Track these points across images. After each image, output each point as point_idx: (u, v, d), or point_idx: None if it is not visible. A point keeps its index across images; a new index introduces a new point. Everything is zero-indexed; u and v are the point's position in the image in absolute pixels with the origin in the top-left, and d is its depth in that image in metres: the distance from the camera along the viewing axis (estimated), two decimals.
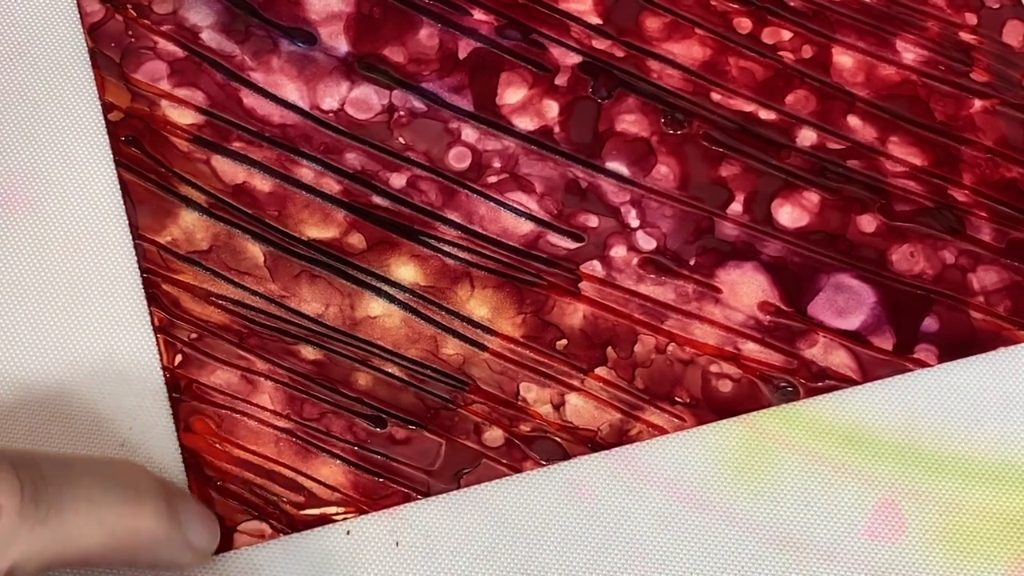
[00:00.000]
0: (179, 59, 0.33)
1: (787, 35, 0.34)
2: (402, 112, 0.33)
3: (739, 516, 0.31)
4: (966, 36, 0.34)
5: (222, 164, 0.33)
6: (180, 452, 0.31)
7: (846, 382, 0.31)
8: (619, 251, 0.32)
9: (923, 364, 0.32)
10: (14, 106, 0.33)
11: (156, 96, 0.33)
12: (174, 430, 0.31)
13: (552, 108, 0.33)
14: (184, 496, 0.29)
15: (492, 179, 0.33)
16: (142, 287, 0.32)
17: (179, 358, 0.31)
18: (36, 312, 0.32)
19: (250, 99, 0.33)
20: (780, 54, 0.34)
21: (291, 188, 0.32)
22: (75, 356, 0.31)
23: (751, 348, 0.32)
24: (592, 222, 0.32)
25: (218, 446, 0.31)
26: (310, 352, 0.31)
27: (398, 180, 0.33)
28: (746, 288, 0.32)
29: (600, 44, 0.34)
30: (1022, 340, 0.32)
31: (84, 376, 0.31)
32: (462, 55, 0.34)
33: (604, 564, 0.30)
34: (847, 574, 0.30)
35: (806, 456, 0.31)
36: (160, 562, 0.28)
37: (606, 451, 0.31)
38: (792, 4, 0.34)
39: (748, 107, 0.33)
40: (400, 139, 0.33)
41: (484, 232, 0.32)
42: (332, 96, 0.33)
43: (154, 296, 0.32)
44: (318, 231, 0.32)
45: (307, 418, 0.31)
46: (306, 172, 0.33)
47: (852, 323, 0.32)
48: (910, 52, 0.34)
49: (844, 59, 0.34)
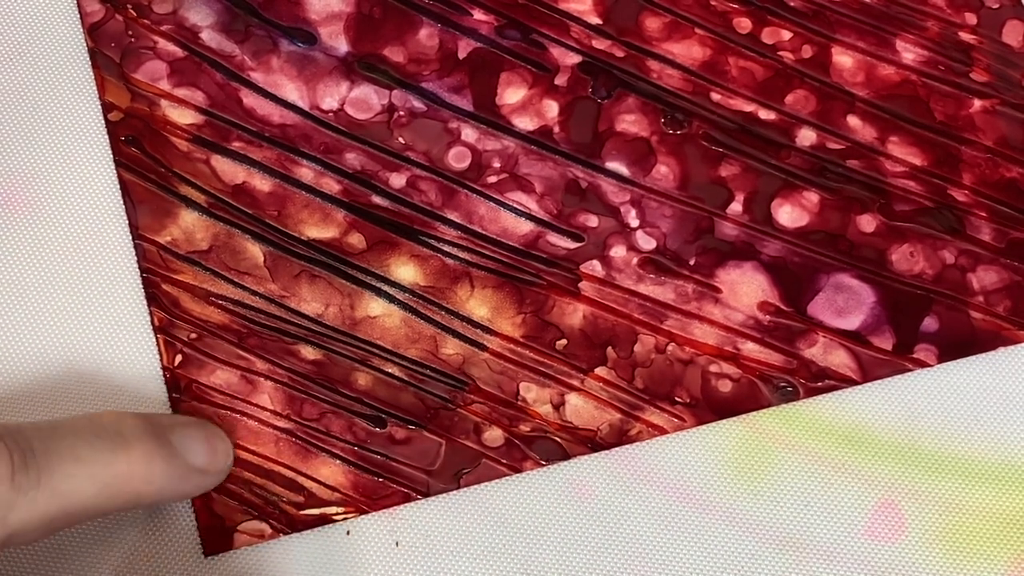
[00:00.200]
0: (179, 59, 0.33)
1: (787, 35, 0.34)
2: (402, 112, 0.33)
3: (739, 516, 0.31)
4: (966, 36, 0.34)
5: (222, 164, 0.33)
6: None
7: (846, 382, 0.31)
8: (619, 251, 0.32)
9: (923, 364, 0.32)
10: (14, 106, 0.33)
11: (156, 96, 0.33)
12: None
13: (552, 108, 0.33)
14: (179, 424, 0.29)
15: (492, 179, 0.33)
16: (142, 287, 0.32)
17: (179, 358, 0.31)
18: (36, 312, 0.32)
19: (250, 99, 0.33)
20: (780, 54, 0.34)
21: (291, 188, 0.32)
22: (75, 356, 0.31)
23: (751, 348, 0.32)
24: (592, 222, 0.32)
25: None
26: (310, 352, 0.31)
27: (398, 180, 0.33)
28: (746, 288, 0.32)
29: (600, 44, 0.34)
30: (1022, 340, 0.32)
31: (84, 376, 0.31)
32: (462, 55, 0.34)
33: (604, 564, 0.30)
34: (847, 574, 0.30)
35: (806, 456, 0.31)
36: (168, 496, 0.28)
37: (606, 451, 0.31)
38: (792, 4, 0.34)
39: (748, 107, 0.33)
40: (400, 139, 0.33)
41: (484, 232, 0.32)
42: (332, 96, 0.33)
43: (154, 296, 0.32)
44: (318, 231, 0.32)
45: (307, 418, 0.31)
46: (306, 172, 0.33)
47: (852, 323, 0.32)
48: (910, 52, 0.34)
49: (844, 59, 0.34)
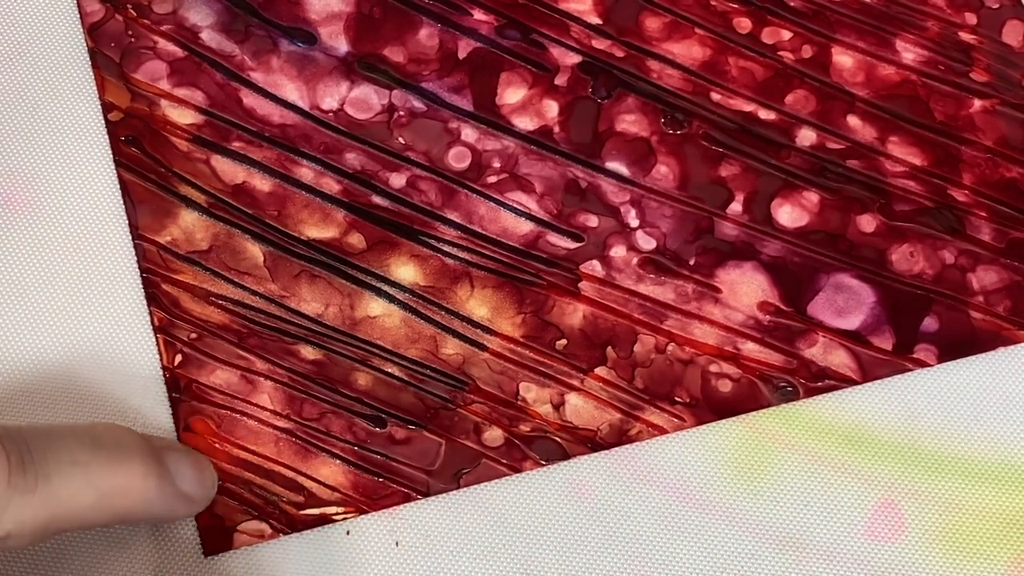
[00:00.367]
0: (179, 59, 0.33)
1: (787, 35, 0.34)
2: (402, 112, 0.33)
3: (739, 516, 0.31)
4: (966, 36, 0.34)
5: (222, 164, 0.33)
6: None
7: (846, 382, 0.31)
8: (619, 251, 0.32)
9: (923, 364, 0.32)
10: (14, 106, 0.33)
11: (156, 96, 0.33)
12: (174, 430, 0.31)
13: (552, 108, 0.33)
14: (172, 448, 0.29)
15: (492, 179, 0.33)
16: (142, 287, 0.32)
17: (179, 358, 0.31)
18: (36, 312, 0.32)
19: (250, 99, 0.33)
20: (780, 54, 0.34)
21: (291, 188, 0.32)
22: (75, 356, 0.31)
23: (751, 348, 0.32)
24: (592, 222, 0.32)
25: (218, 446, 0.31)
26: (310, 352, 0.31)
27: (398, 180, 0.33)
28: (746, 288, 0.32)
29: (600, 44, 0.34)
30: (1022, 340, 0.32)
31: (84, 376, 0.31)
32: (462, 55, 0.34)
33: (604, 564, 0.30)
34: (847, 574, 0.30)
35: (806, 456, 0.31)
36: (156, 517, 0.28)
37: (606, 451, 0.31)
38: (792, 4, 0.34)
39: (748, 107, 0.33)
40: (400, 139, 0.33)
41: (484, 232, 0.32)
42: (332, 96, 0.33)
43: (154, 296, 0.32)
44: (318, 231, 0.32)
45: (307, 418, 0.31)
46: (306, 172, 0.33)
47: (852, 323, 0.32)
48: (910, 52, 0.34)
49: (844, 59, 0.34)
